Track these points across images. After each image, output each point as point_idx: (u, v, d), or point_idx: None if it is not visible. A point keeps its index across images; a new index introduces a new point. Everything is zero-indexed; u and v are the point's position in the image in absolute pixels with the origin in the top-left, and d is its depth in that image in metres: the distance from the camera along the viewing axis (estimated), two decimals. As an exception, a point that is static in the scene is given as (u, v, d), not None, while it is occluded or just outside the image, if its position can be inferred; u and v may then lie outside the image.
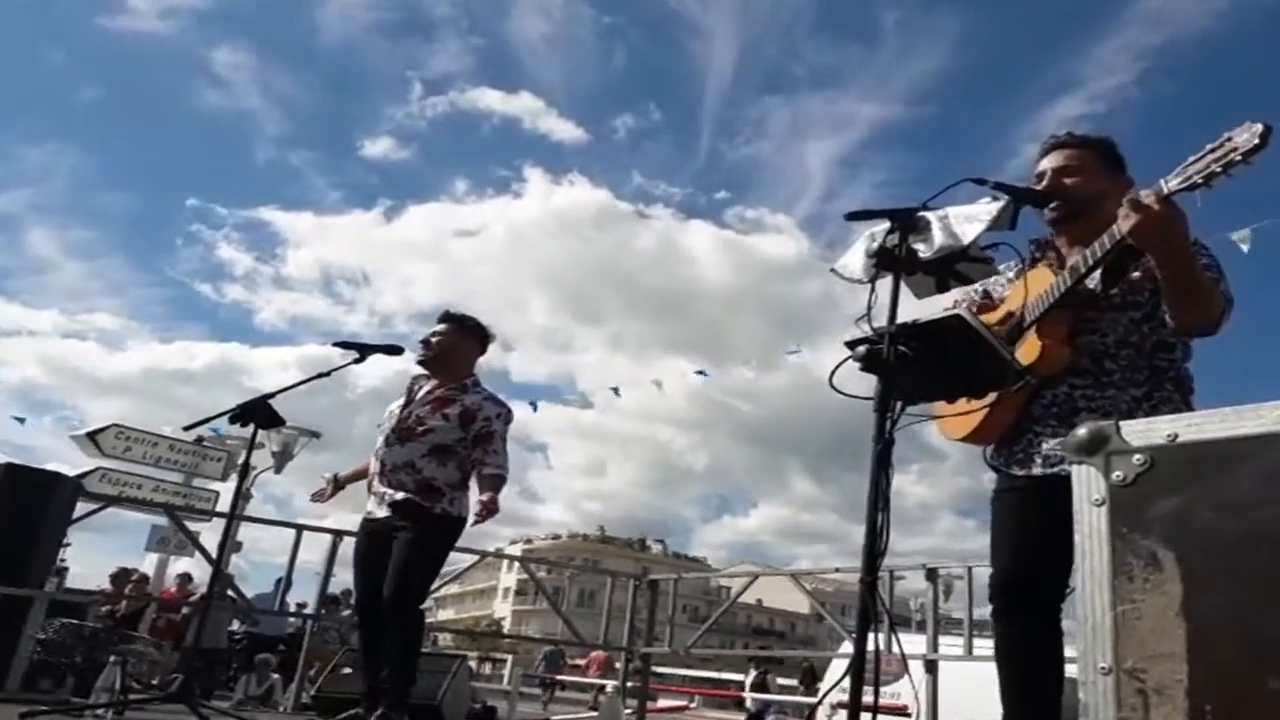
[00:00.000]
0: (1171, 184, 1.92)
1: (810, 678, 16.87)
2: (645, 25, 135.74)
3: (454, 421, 3.94)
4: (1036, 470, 2.24)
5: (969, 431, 2.38)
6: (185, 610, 10.51)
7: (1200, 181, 1.86)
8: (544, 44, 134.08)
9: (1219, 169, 1.83)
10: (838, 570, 7.08)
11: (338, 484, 4.28)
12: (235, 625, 10.85)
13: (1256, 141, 1.78)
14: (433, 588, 4.18)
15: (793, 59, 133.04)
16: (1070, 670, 1.84)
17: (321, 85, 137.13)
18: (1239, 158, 1.81)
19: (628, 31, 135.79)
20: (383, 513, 3.90)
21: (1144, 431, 1.13)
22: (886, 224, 2.11)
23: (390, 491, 3.88)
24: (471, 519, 3.87)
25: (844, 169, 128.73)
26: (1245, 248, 5.47)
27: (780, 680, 18.85)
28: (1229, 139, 1.83)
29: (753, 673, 18.42)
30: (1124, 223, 1.98)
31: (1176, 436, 1.10)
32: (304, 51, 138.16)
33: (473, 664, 12.21)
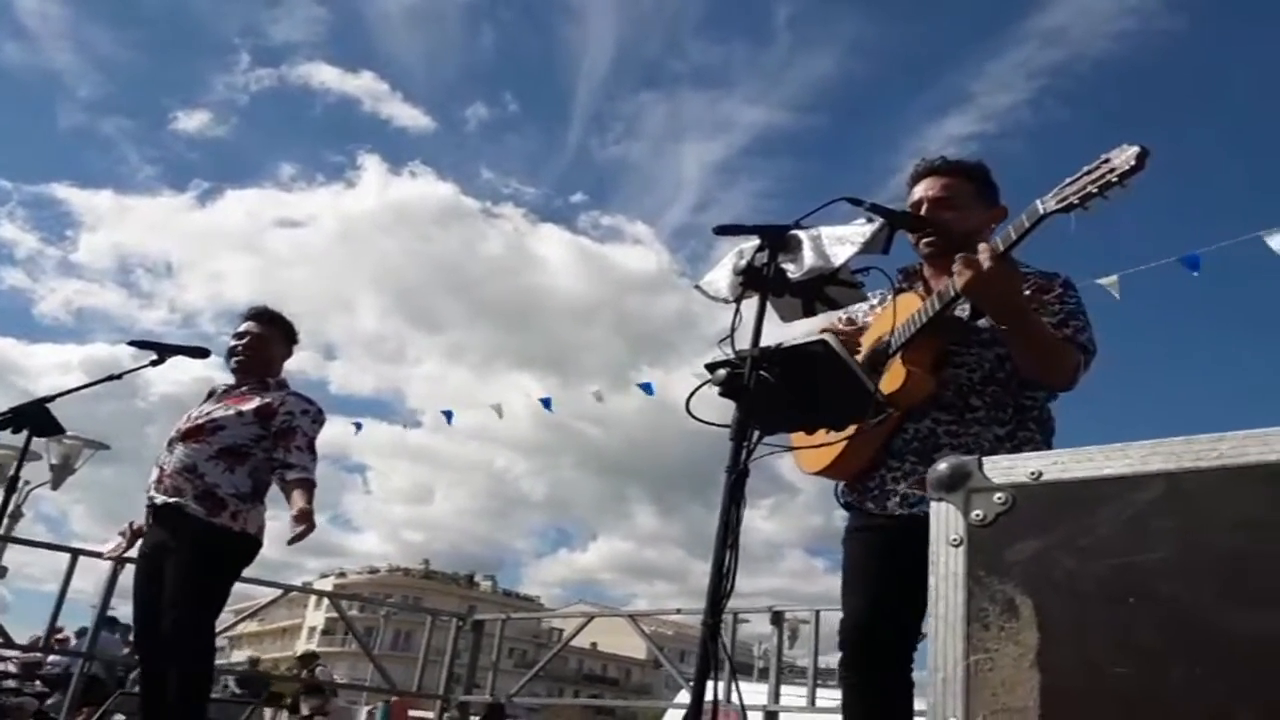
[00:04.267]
0: (1048, 205, 2.00)
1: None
2: (517, 5, 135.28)
3: (249, 416, 3.68)
4: (894, 509, 2.28)
5: (824, 465, 2.41)
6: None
7: (1076, 203, 1.95)
8: (403, 18, 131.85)
9: (1095, 190, 1.91)
10: (679, 612, 7.13)
11: (135, 534, 3.88)
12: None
13: (1133, 164, 1.87)
14: (226, 623, 3.87)
15: (676, 53, 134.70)
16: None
17: (147, 45, 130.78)
18: (1115, 179, 1.89)
19: (498, 11, 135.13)
20: (157, 530, 3.59)
21: (1007, 469, 1.15)
22: (756, 241, 2.12)
23: (163, 498, 3.57)
24: (291, 534, 3.52)
25: (722, 175, 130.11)
26: (1115, 294, 5.81)
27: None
28: (1106, 160, 1.91)
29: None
30: (957, 278, 2.08)
31: (1040, 474, 1.13)
32: (128, 5, 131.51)
33: (268, 712, 11.65)
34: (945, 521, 1.18)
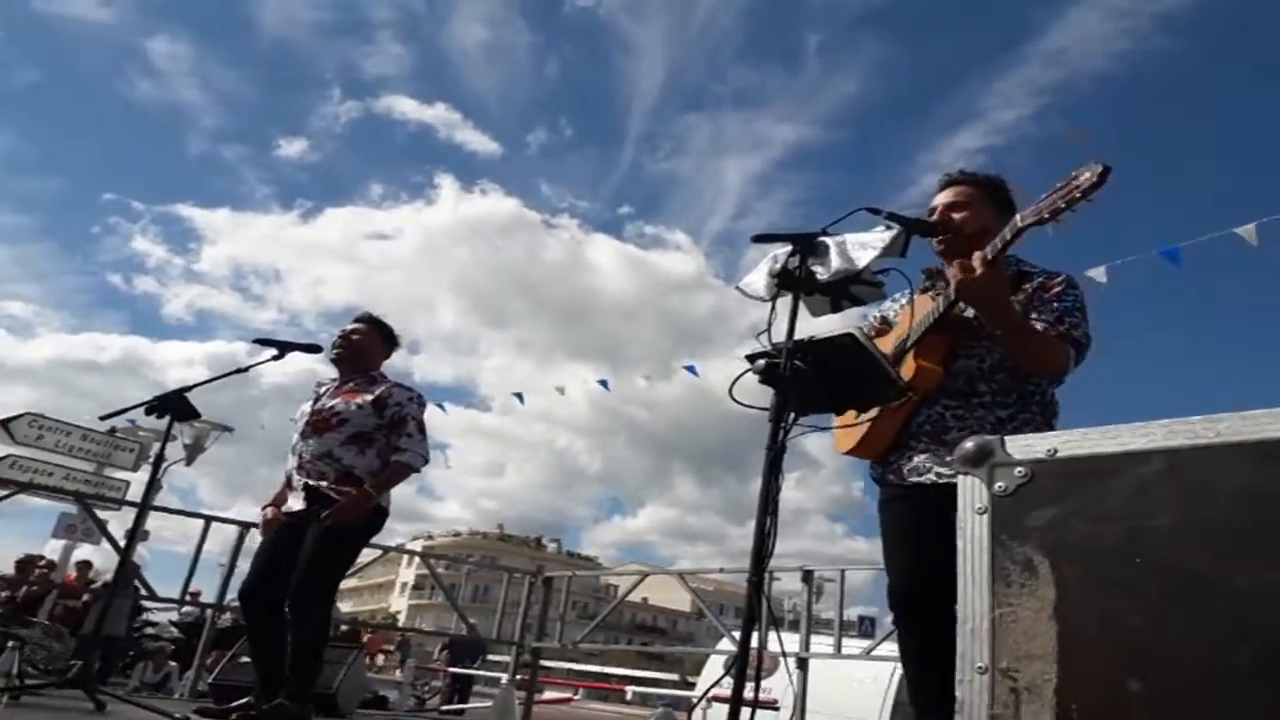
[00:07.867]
0: (1027, 219, 1.99)
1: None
2: (578, 39, 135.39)
3: (368, 408, 3.70)
4: (908, 478, 2.27)
5: (854, 445, 2.39)
6: (85, 598, 9.92)
7: (1047, 217, 1.92)
8: (480, 54, 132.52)
9: (1063, 204, 1.88)
10: (722, 570, 7.11)
11: (278, 505, 3.85)
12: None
13: (1095, 180, 1.84)
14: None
15: (718, 77, 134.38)
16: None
17: (260, 81, 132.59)
18: (1079, 194, 1.86)
19: (561, 45, 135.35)
20: (300, 505, 3.62)
21: (1026, 446, 1.14)
22: (789, 247, 2.13)
23: (309, 481, 3.64)
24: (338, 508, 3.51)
25: (759, 187, 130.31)
26: (1102, 279, 5.65)
27: (659, 675, 18.91)
28: (1075, 177, 1.88)
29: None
30: (952, 283, 2.08)
31: (1056, 451, 1.11)
32: (244, 44, 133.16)
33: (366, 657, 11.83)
34: (972, 492, 1.17)
